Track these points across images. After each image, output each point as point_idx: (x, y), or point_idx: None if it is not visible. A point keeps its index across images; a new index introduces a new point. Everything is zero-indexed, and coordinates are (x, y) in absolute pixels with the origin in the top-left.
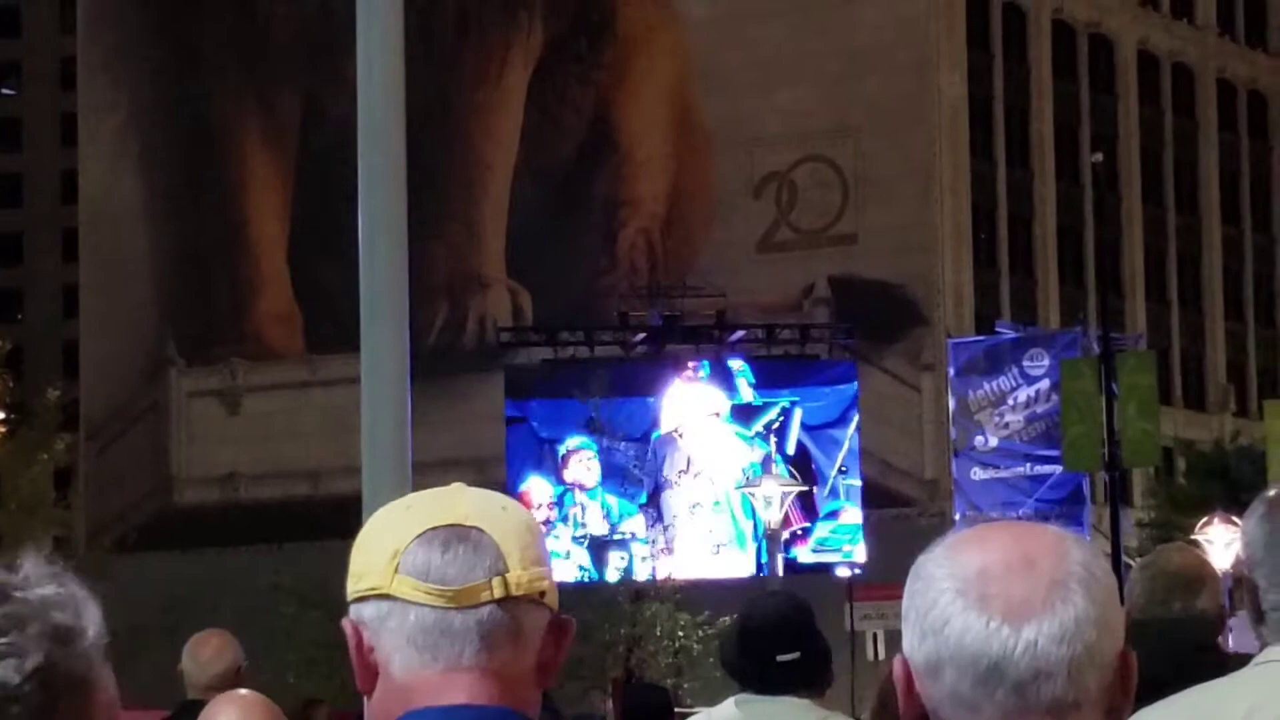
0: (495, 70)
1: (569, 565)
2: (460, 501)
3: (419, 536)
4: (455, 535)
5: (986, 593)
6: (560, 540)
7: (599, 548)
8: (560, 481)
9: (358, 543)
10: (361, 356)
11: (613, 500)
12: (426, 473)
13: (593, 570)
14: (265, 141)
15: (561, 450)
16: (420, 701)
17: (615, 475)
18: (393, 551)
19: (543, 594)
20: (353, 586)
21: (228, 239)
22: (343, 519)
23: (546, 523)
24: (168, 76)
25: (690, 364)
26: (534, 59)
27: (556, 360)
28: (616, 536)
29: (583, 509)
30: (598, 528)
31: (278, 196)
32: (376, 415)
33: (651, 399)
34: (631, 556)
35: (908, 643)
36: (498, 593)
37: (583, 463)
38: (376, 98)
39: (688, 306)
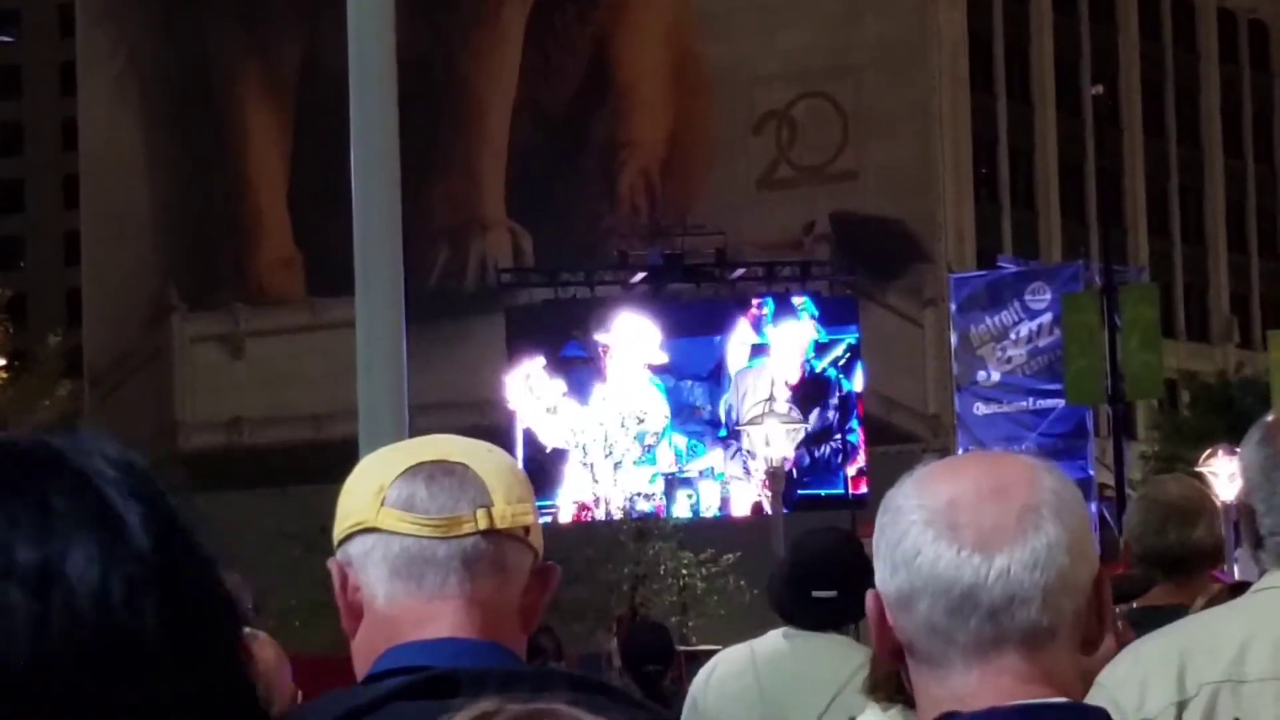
0: (493, 12)
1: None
2: (445, 442)
3: (405, 472)
4: (441, 469)
5: (957, 522)
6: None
7: (668, 485)
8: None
9: (345, 486)
10: (357, 300)
11: (680, 440)
12: (428, 414)
13: (666, 507)
14: (265, 86)
15: None
16: (404, 633)
17: (683, 414)
18: (378, 487)
19: (527, 530)
20: (339, 527)
21: (228, 184)
22: (346, 462)
23: None
24: (167, 23)
25: (755, 301)
26: (531, 0)
27: (557, 300)
28: (683, 475)
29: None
30: (667, 468)
31: (278, 141)
32: (372, 359)
33: (717, 338)
34: (698, 493)
35: (879, 576)
36: (482, 524)
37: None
38: (368, 43)
39: (688, 245)
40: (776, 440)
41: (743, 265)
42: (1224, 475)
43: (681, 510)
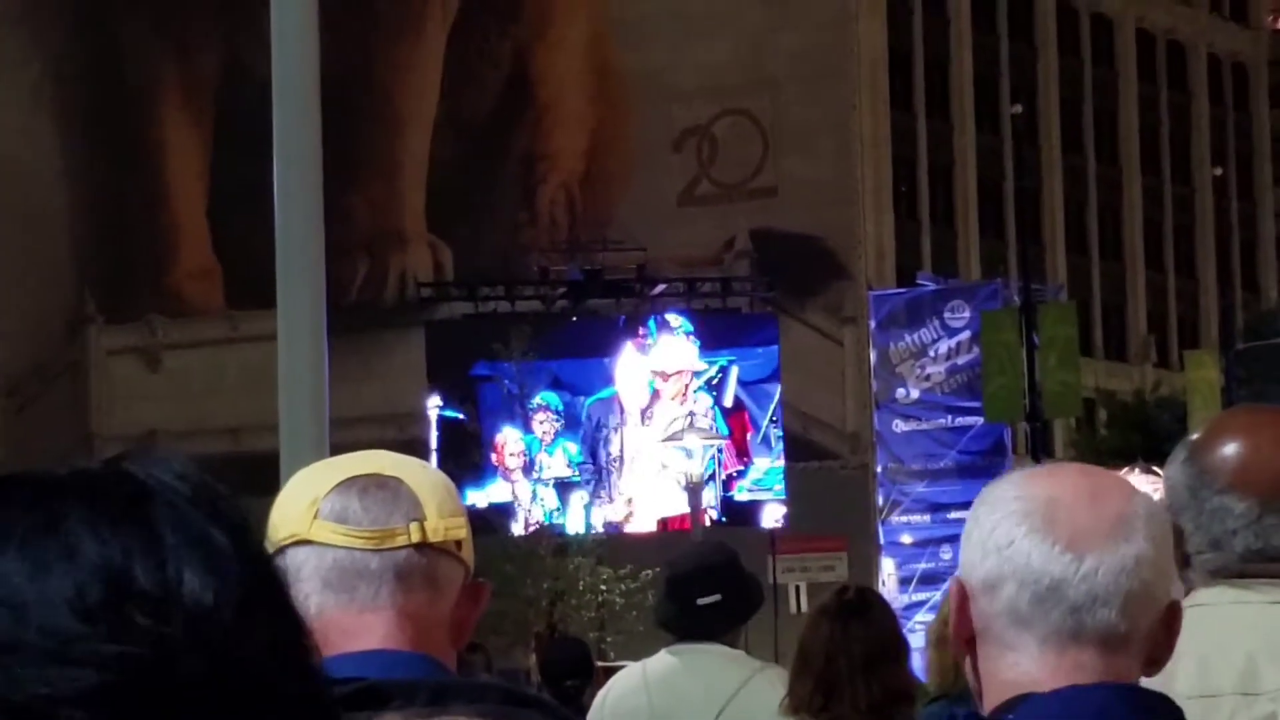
0: (414, 25)
1: (535, 507)
2: (378, 457)
3: (338, 485)
4: (374, 483)
5: (1054, 518)
6: (524, 484)
7: (562, 488)
8: (529, 431)
9: (278, 500)
10: (278, 313)
11: (573, 446)
12: (347, 429)
13: (561, 511)
14: (184, 96)
15: (531, 405)
16: (335, 645)
17: (574, 423)
18: (311, 499)
19: (459, 544)
20: (272, 539)
21: (146, 195)
22: (264, 475)
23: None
24: (84, 29)
25: (641, 331)
26: (452, 12)
27: (477, 315)
28: (576, 479)
29: (547, 455)
30: (561, 472)
31: (197, 151)
32: (293, 372)
33: (606, 359)
34: (595, 491)
35: (967, 561)
36: (415, 537)
37: (544, 423)
38: (290, 52)
39: (608, 261)
40: (696, 454)
41: (663, 281)
42: None
43: (576, 514)
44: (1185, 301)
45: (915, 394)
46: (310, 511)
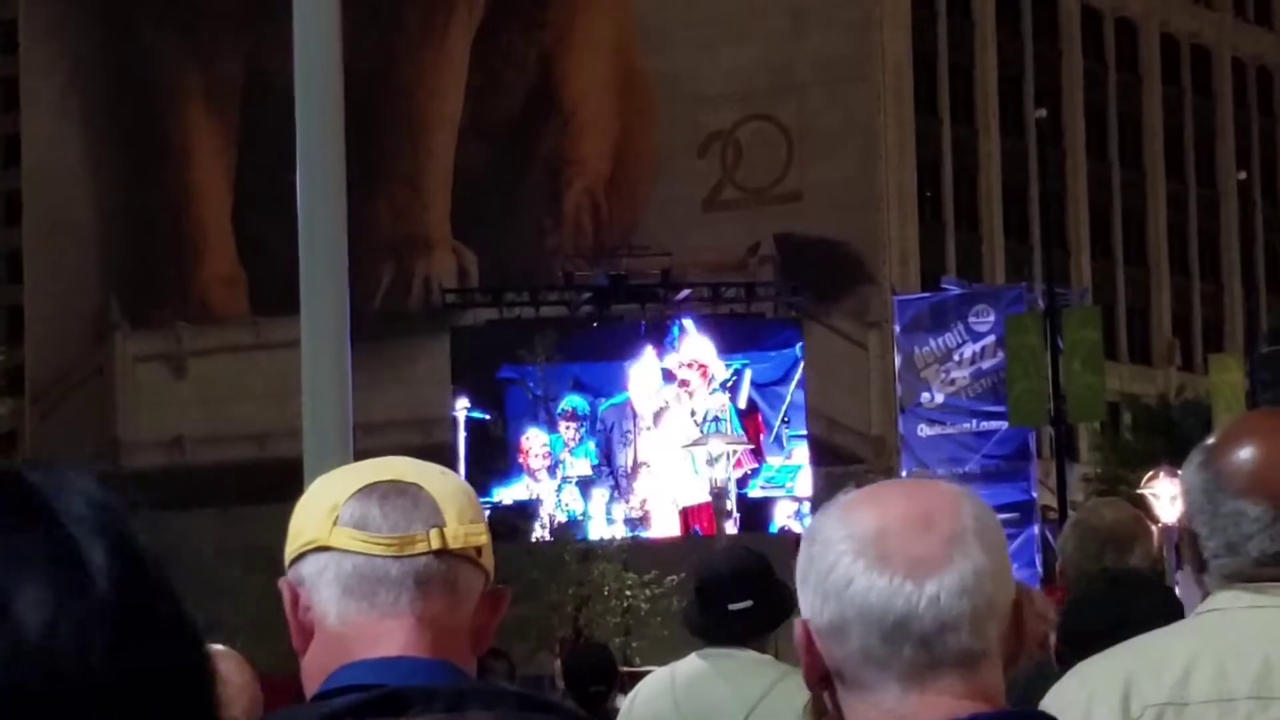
0: (439, 29)
1: (559, 511)
2: (398, 463)
3: (358, 491)
4: (394, 489)
5: (887, 551)
6: (549, 483)
7: (585, 486)
8: (554, 431)
9: (298, 506)
10: (302, 319)
11: (593, 446)
12: (373, 434)
13: (585, 507)
14: (209, 103)
15: (559, 410)
16: (355, 651)
17: (593, 424)
18: (331, 506)
19: (479, 551)
20: (291, 546)
21: (171, 201)
22: (288, 482)
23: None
24: (110, 39)
25: (664, 335)
26: (477, 18)
27: (502, 321)
28: (596, 478)
29: (571, 456)
30: (584, 472)
31: (222, 158)
32: (318, 377)
33: (628, 362)
34: (614, 492)
35: (808, 606)
36: (435, 544)
37: (569, 429)
38: (313, 57)
39: (633, 266)
40: (720, 460)
41: (687, 286)
42: (1166, 497)
43: (598, 515)
44: (1210, 305)
45: (940, 398)
46: (330, 518)
